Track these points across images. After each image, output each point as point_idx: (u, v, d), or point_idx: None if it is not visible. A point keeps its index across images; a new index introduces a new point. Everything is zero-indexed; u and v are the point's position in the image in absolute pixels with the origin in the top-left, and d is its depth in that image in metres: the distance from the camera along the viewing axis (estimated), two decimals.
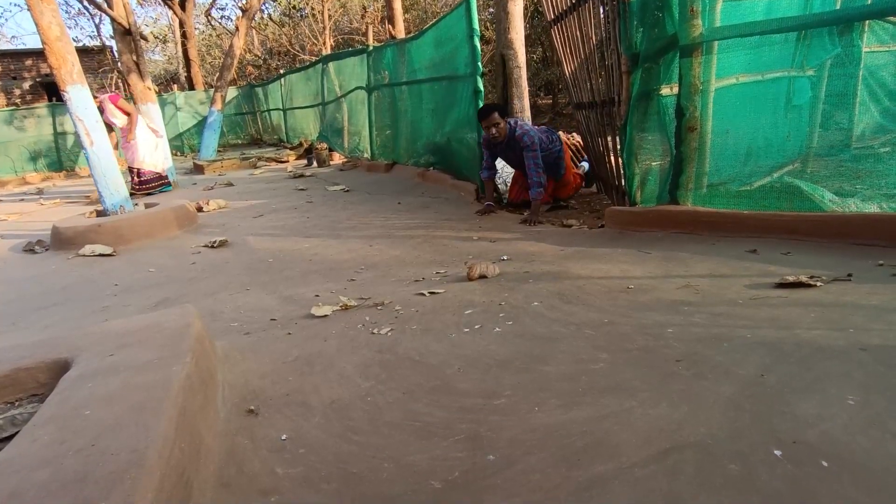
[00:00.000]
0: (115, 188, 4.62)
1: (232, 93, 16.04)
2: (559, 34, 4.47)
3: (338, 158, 9.26)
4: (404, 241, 3.76)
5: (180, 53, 17.30)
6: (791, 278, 2.05)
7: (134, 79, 7.69)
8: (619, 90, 3.43)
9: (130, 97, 8.13)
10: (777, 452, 1.05)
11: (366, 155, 8.00)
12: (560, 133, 5.85)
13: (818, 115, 5.08)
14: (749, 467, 1.02)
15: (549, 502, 1.00)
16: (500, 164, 4.84)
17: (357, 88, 8.11)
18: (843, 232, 2.43)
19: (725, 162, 3.78)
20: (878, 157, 4.75)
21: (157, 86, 18.17)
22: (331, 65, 9.41)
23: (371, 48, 7.35)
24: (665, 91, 3.18)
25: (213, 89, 11.28)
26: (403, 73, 6.54)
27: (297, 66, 13.17)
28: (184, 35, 15.08)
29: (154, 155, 6.82)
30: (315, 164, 8.91)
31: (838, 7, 4.86)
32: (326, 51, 12.38)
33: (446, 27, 5.33)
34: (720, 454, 1.07)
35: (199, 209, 5.50)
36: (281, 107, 13.09)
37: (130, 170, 6.72)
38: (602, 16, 3.64)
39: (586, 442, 1.17)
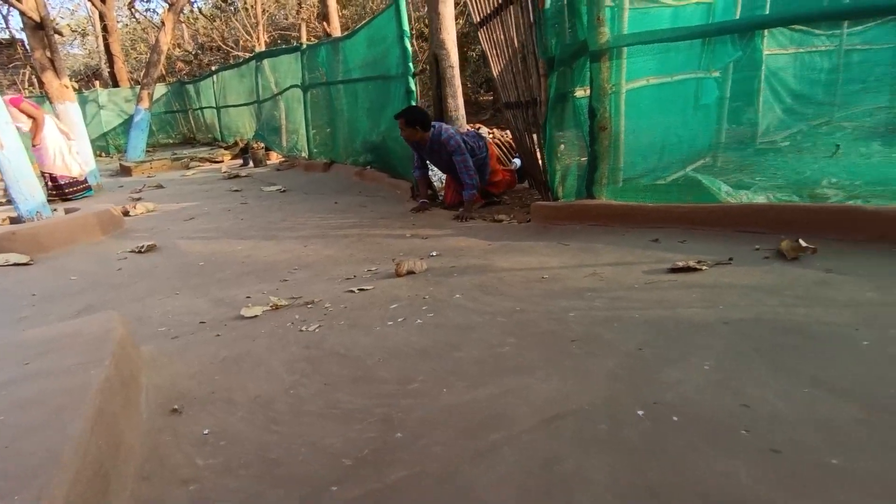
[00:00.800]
0: (31, 193, 4.40)
1: (161, 90, 15.33)
2: (486, 36, 4.64)
3: (275, 158, 9.11)
4: (339, 241, 3.82)
5: (102, 47, 16.32)
6: (681, 263, 2.30)
7: (49, 76, 7.25)
8: (539, 91, 3.64)
9: (45, 96, 7.66)
10: (640, 412, 1.23)
11: (304, 154, 7.92)
12: (494, 130, 6.06)
13: (725, 113, 5.53)
14: (616, 426, 1.19)
15: (446, 469, 1.13)
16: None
17: (293, 87, 8.00)
18: (730, 220, 2.72)
19: (639, 158, 4.08)
20: (778, 150, 5.24)
21: (78, 82, 17.07)
22: (265, 62, 9.23)
23: (304, 46, 7.29)
24: (579, 93, 3.40)
25: (139, 86, 10.76)
26: (339, 72, 6.54)
27: (230, 62, 12.78)
28: (104, 29, 14.25)
29: (68, 158, 6.45)
30: (251, 163, 8.72)
31: (737, 17, 5.31)
32: (260, 47, 12.08)
33: (378, 27, 5.39)
34: (595, 417, 1.24)
35: (126, 213, 5.31)
36: (214, 105, 12.67)
37: (43, 175, 6.35)
38: (522, 20, 3.83)
39: (485, 416, 1.31)
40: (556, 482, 1.04)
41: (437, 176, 5.25)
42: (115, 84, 14.97)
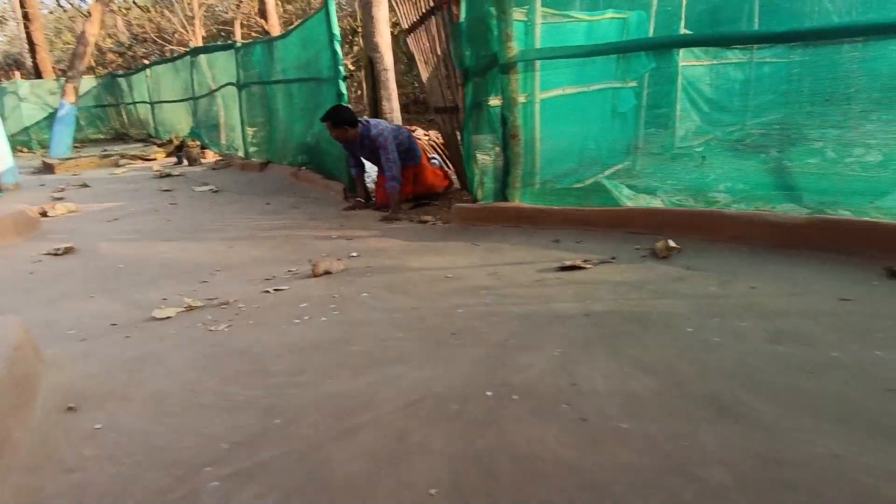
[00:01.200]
0: None
1: (90, 83, 14.62)
2: (414, 43, 4.81)
3: (211, 157, 8.93)
4: (265, 242, 3.88)
5: (24, 35, 15.36)
6: (569, 263, 2.55)
7: None
8: (458, 99, 3.83)
9: None
10: (489, 393, 1.43)
11: (240, 153, 7.83)
12: (431, 133, 6.20)
13: (642, 120, 5.92)
14: (465, 405, 1.38)
15: (311, 446, 1.28)
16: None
17: (228, 84, 7.89)
18: (621, 223, 3.01)
19: (555, 163, 4.35)
20: (689, 157, 5.68)
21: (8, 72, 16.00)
22: (202, 57, 9.02)
23: (239, 44, 7.21)
24: (493, 102, 3.63)
25: (64, 78, 10.25)
26: (273, 72, 6.54)
27: (167, 56, 12.35)
28: (25, 17, 13.44)
29: None
30: (185, 162, 8.52)
31: (650, 33, 5.69)
32: (197, 41, 11.75)
33: (310, 29, 5.45)
34: (450, 399, 1.42)
35: (44, 214, 5.13)
36: (148, 100, 12.22)
37: None
38: (445, 30, 4.02)
39: (358, 402, 1.47)
40: (402, 452, 1.22)
41: (370, 178, 5.37)
42: (38, 75, 14.14)
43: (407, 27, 4.75)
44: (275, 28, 8.84)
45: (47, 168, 9.16)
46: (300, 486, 1.14)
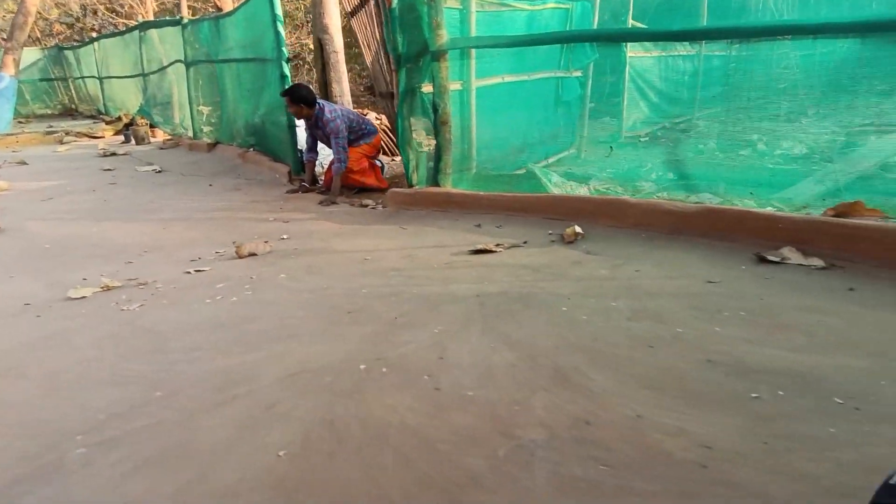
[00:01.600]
0: None
1: (36, 55, 13.97)
2: (358, 26, 4.80)
3: (161, 136, 8.71)
4: (201, 224, 3.88)
5: None
6: (481, 246, 2.67)
7: None
8: (393, 85, 3.88)
9: None
10: (362, 367, 1.53)
11: (189, 133, 7.68)
12: (383, 117, 6.20)
13: (587, 109, 6.04)
14: (337, 378, 1.49)
15: (185, 417, 1.36)
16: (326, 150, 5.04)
17: (177, 62, 7.68)
18: (540, 209, 3.14)
19: (492, 149, 4.46)
20: (633, 146, 5.85)
21: None
22: (152, 32, 8.73)
23: (186, 20, 7.03)
24: (426, 88, 3.69)
25: (2, 51, 9.79)
26: (220, 51, 6.41)
27: (117, 29, 11.88)
28: None
29: None
30: (133, 141, 8.30)
31: (594, 24, 5.79)
32: (148, 15, 11.32)
33: (254, 8, 5.36)
34: (326, 372, 1.52)
35: None
36: (97, 75, 11.76)
37: None
38: (382, 16, 4.04)
39: (242, 376, 1.56)
40: (266, 420, 1.32)
41: (324, 153, 5.33)
42: None
43: (350, 10, 4.73)
44: (228, 5, 8.62)
45: None
46: (164, 451, 1.23)
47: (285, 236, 3.36)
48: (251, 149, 6.19)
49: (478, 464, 1.08)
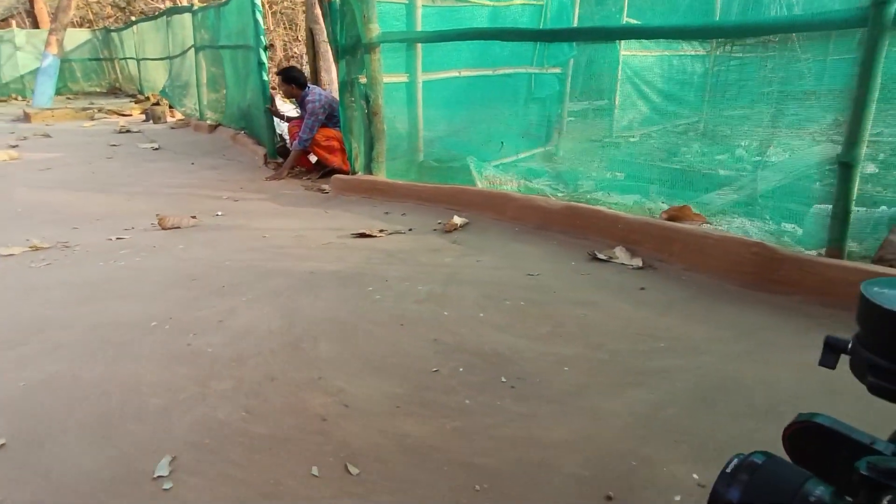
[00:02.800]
0: None
1: (86, 35, 14.96)
2: (321, 16, 5.01)
3: (178, 116, 9.24)
4: (161, 198, 4.21)
5: None
6: (365, 231, 2.84)
7: None
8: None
9: None
10: (153, 324, 1.75)
11: (197, 115, 8.14)
12: None
13: (565, 106, 6.03)
14: (126, 331, 1.71)
15: None
16: None
17: (191, 47, 8.14)
18: (445, 199, 3.28)
19: (447, 141, 4.58)
20: (617, 145, 5.82)
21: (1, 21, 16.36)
22: (175, 17, 9.25)
23: (196, 7, 7.44)
24: (363, 80, 3.86)
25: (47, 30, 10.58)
26: (220, 37, 6.77)
27: (152, 14, 12.59)
28: None
29: None
30: (151, 120, 8.86)
31: (575, 21, 5.76)
32: (181, 0, 11.94)
33: None
34: (122, 326, 1.75)
35: None
36: (135, 56, 12.51)
37: None
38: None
39: (59, 323, 1.81)
40: (42, 356, 1.55)
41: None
42: (36, 25, 14.48)
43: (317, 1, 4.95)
44: None
45: (25, 117, 9.56)
46: None
47: (219, 213, 3.63)
48: (242, 131, 6.54)
49: (158, 403, 1.28)
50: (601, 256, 2.21)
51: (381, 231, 2.86)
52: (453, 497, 0.96)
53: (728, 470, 0.37)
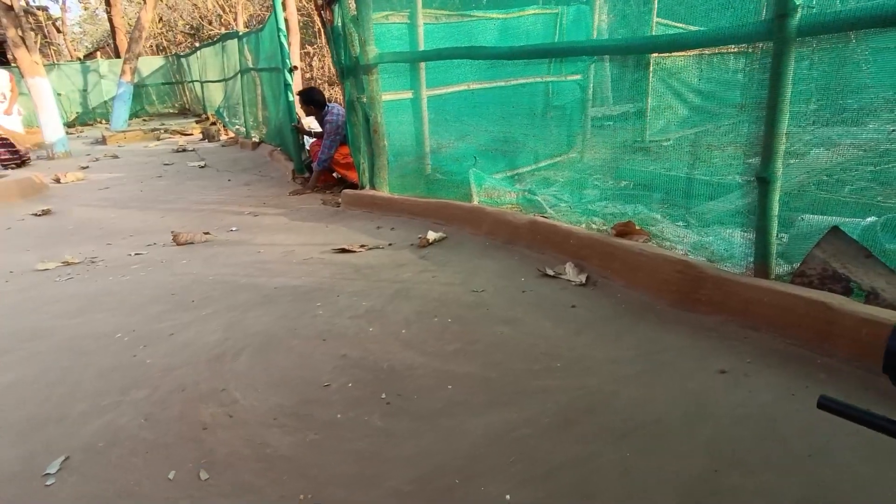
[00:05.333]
0: None
1: (159, 62, 16.35)
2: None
3: (230, 134, 9.93)
4: (191, 214, 4.60)
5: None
6: (346, 246, 2.99)
7: (21, 53, 8.18)
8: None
9: (16, 68, 8.61)
10: (118, 335, 1.97)
11: (244, 133, 8.72)
12: None
13: (587, 114, 5.95)
14: (93, 341, 1.94)
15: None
16: None
17: (239, 70, 8.75)
18: (431, 214, 3.37)
19: (456, 155, 4.67)
20: (646, 151, 5.69)
21: (90, 55, 18.22)
22: (229, 43, 9.97)
23: (241, 33, 8.00)
24: (364, 99, 4.03)
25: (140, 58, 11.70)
26: (259, 60, 7.25)
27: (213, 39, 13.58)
28: (107, 2, 15.24)
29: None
30: (206, 139, 9.58)
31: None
32: (239, 25, 12.82)
33: (271, 22, 6.05)
34: (95, 336, 1.99)
35: (57, 180, 6.22)
36: (199, 79, 13.54)
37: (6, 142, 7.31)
38: None
39: (43, 331, 2.07)
40: (16, 359, 1.81)
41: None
42: (118, 55, 16.00)
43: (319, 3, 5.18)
44: (291, 15, 9.56)
45: (102, 140, 10.62)
46: None
47: (234, 228, 3.92)
48: (278, 148, 6.96)
49: (81, 407, 1.47)
50: (549, 272, 2.22)
51: (361, 246, 3.00)
52: None
53: None
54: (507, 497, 1.04)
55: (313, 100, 4.97)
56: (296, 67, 6.35)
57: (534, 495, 1.04)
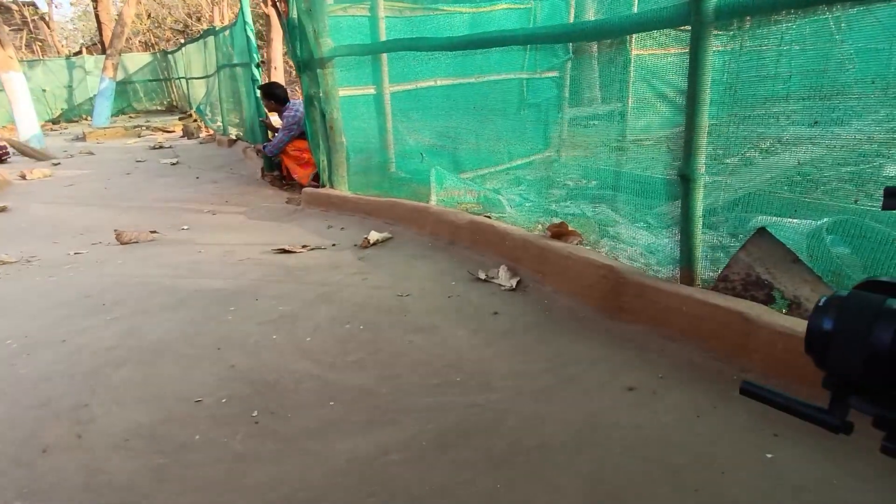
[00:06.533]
0: None
1: (146, 58, 16.19)
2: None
3: (209, 132, 9.78)
4: (149, 212, 4.45)
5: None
6: (287, 247, 2.85)
7: None
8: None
9: None
10: (8, 342, 1.83)
11: (221, 130, 8.58)
12: None
13: (564, 111, 5.82)
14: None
15: None
16: None
17: (221, 66, 8.61)
18: (382, 213, 3.24)
19: (421, 152, 4.53)
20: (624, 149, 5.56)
21: (77, 52, 18.05)
22: (210, 39, 9.82)
23: (217, 28, 7.85)
24: (321, 94, 3.89)
25: (125, 53, 11.54)
26: (232, 56, 7.10)
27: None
28: None
29: None
30: (186, 136, 9.43)
31: (570, 21, 5.54)
32: (222, 21, 12.66)
33: (240, 16, 5.90)
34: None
35: (23, 177, 6.07)
36: (185, 76, 13.39)
37: None
38: None
39: None
40: None
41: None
42: (104, 51, 15.83)
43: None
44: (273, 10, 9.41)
45: (83, 136, 10.47)
46: None
47: (186, 227, 3.78)
48: (252, 145, 6.82)
49: None
50: (481, 276, 2.09)
51: (303, 247, 2.87)
52: None
53: (820, 304, 0.42)
54: None
55: (273, 94, 4.83)
56: (263, 62, 6.21)
57: None
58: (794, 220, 1.46)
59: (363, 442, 1.16)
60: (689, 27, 1.32)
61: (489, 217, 2.44)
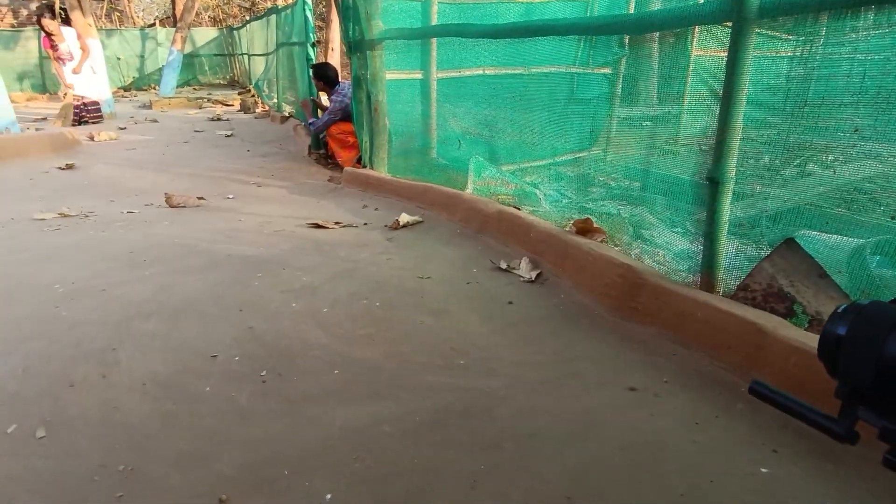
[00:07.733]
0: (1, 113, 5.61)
1: (213, 34, 16.81)
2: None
3: (266, 108, 10.08)
4: (200, 179, 4.67)
5: None
6: (321, 222, 2.93)
7: (76, 15, 8.55)
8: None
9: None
10: (56, 287, 1.98)
11: (276, 106, 8.83)
12: None
13: (614, 109, 5.68)
14: (27, 293, 1.96)
15: None
16: None
17: (280, 44, 8.85)
18: (415, 196, 3.27)
19: (464, 139, 4.53)
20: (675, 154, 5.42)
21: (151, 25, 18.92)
22: (272, 17, 10.10)
23: (279, 7, 8.06)
24: (368, 75, 3.94)
25: (194, 28, 12.06)
26: (290, 35, 7.28)
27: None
28: None
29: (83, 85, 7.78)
30: (243, 111, 9.76)
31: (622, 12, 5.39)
32: (286, 0, 12.97)
33: None
34: (29, 289, 2.00)
35: (91, 138, 6.47)
36: (247, 52, 13.83)
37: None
38: None
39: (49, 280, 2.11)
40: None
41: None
42: (175, 24, 16.53)
43: None
44: None
45: (149, 104, 11.02)
46: None
47: (231, 196, 3.94)
48: (303, 123, 7.00)
49: None
50: (503, 266, 2.08)
51: (336, 223, 2.94)
52: (85, 478, 1.00)
53: (839, 310, 0.42)
54: (328, 496, 0.95)
55: (325, 75, 4.94)
56: (318, 42, 6.33)
57: (356, 499, 0.94)
58: (832, 236, 1.39)
59: (359, 412, 1.19)
60: (730, 23, 1.27)
61: (518, 209, 2.43)
